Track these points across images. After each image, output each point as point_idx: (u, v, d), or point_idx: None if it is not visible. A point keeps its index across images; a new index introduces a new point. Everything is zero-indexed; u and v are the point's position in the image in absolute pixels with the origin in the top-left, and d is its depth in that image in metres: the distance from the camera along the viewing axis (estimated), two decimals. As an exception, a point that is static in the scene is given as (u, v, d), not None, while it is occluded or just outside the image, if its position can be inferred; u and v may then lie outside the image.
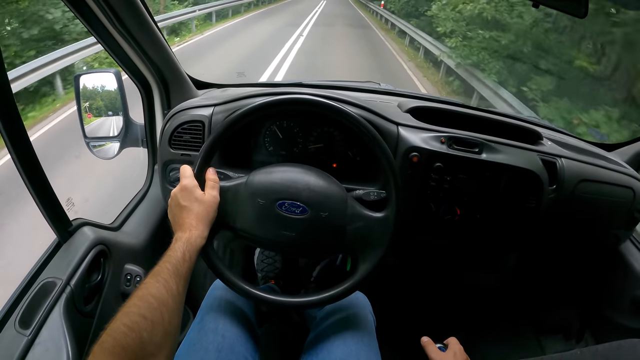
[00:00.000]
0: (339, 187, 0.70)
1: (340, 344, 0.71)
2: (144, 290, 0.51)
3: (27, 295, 0.68)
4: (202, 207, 0.63)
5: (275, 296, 0.69)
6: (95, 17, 0.78)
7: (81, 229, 0.80)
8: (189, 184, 0.65)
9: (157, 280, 0.52)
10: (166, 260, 0.56)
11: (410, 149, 0.82)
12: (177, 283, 0.54)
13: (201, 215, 0.63)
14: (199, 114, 0.85)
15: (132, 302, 0.49)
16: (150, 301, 0.50)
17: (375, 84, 1.24)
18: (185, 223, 0.62)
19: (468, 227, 0.89)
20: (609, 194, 0.94)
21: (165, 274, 0.53)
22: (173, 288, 0.53)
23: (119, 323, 0.47)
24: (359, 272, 0.69)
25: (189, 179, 0.65)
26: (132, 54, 0.90)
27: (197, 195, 0.64)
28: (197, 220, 0.62)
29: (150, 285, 0.52)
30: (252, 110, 0.68)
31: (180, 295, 0.55)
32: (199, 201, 0.64)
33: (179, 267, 0.55)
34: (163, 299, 0.51)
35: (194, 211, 0.63)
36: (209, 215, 0.64)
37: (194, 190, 0.64)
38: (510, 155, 0.85)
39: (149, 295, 0.50)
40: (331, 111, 0.69)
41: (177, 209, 0.64)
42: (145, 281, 0.53)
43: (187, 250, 0.58)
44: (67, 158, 2.96)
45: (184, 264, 0.57)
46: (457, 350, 0.73)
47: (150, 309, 0.49)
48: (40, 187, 0.68)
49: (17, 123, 0.62)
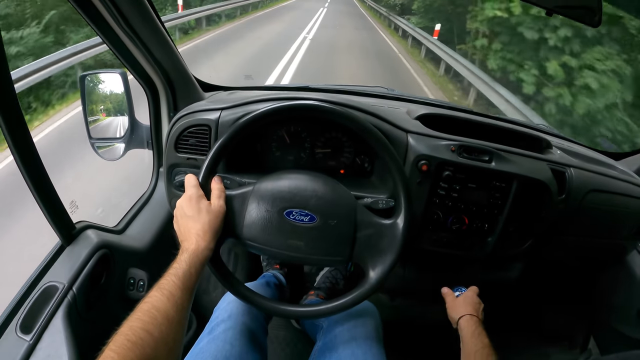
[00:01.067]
0: (348, 193, 0.69)
1: (348, 355, 0.70)
2: (149, 304, 0.50)
3: (28, 300, 0.67)
4: (208, 218, 0.62)
5: (286, 307, 0.68)
6: (101, 17, 0.77)
7: (85, 232, 0.79)
8: (194, 194, 0.63)
9: (163, 294, 0.51)
10: (172, 272, 0.55)
11: (419, 157, 0.80)
12: (183, 297, 0.53)
13: (207, 225, 0.61)
14: (205, 118, 0.84)
15: (137, 315, 0.48)
16: (154, 315, 0.49)
17: (383, 89, 1.23)
18: (192, 234, 0.60)
19: (476, 236, 0.88)
20: (617, 204, 0.93)
21: (171, 287, 0.52)
22: (178, 302, 0.52)
23: (122, 338, 0.45)
24: (369, 280, 0.68)
25: (195, 188, 0.64)
26: (139, 54, 0.89)
27: (203, 205, 0.63)
28: (204, 231, 0.61)
29: (155, 299, 0.51)
30: (259, 117, 0.67)
31: (185, 310, 0.54)
32: (205, 211, 0.62)
33: (185, 280, 0.54)
34: (168, 313, 0.50)
35: (200, 222, 0.61)
36: (216, 225, 0.63)
37: (199, 200, 0.63)
38: (521, 164, 0.84)
39: (154, 309, 0.49)
40: (341, 118, 0.68)
41: (183, 219, 0.63)
42: (150, 294, 0.51)
43: (192, 262, 0.57)
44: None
45: (190, 276, 0.55)
46: (469, 295, 0.84)
47: (154, 323, 0.48)
48: (44, 189, 0.67)
49: (20, 124, 0.61)
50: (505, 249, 0.90)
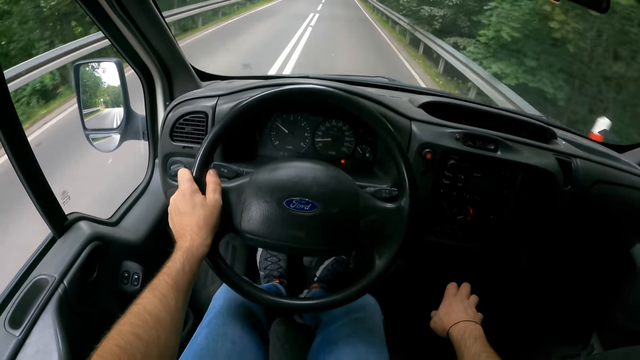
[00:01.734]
0: (349, 180, 0.67)
1: (349, 350, 0.68)
2: (140, 306, 0.47)
3: (18, 293, 0.65)
4: (203, 212, 0.59)
5: (290, 300, 0.66)
6: (96, 2, 0.75)
7: (77, 223, 0.76)
8: (188, 188, 0.60)
9: (154, 295, 0.48)
10: (165, 272, 0.52)
11: (423, 145, 0.78)
12: (176, 298, 0.50)
13: (203, 221, 0.58)
14: (202, 105, 0.81)
15: (127, 319, 0.45)
16: (145, 319, 0.46)
17: (384, 79, 1.21)
18: (186, 231, 0.58)
19: (481, 227, 0.86)
20: (623, 196, 0.92)
21: (163, 288, 0.50)
22: (171, 304, 0.49)
23: (111, 343, 0.42)
24: (376, 268, 0.65)
25: (188, 182, 0.61)
26: (134, 41, 0.86)
27: (197, 200, 0.60)
28: (199, 227, 0.58)
29: (147, 301, 0.48)
30: (254, 103, 0.64)
31: (179, 312, 0.51)
32: (200, 206, 0.59)
33: (178, 280, 0.52)
34: (160, 316, 0.47)
35: (194, 217, 0.58)
36: (212, 220, 0.60)
37: (193, 194, 0.60)
38: (527, 153, 0.82)
39: (145, 312, 0.46)
40: (344, 102, 0.66)
41: (177, 216, 0.60)
42: (141, 295, 0.49)
43: (187, 260, 0.54)
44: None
45: (184, 276, 0.53)
46: (463, 292, 0.83)
47: (145, 327, 0.45)
48: (34, 179, 0.65)
49: (10, 113, 0.59)
50: (511, 240, 0.88)
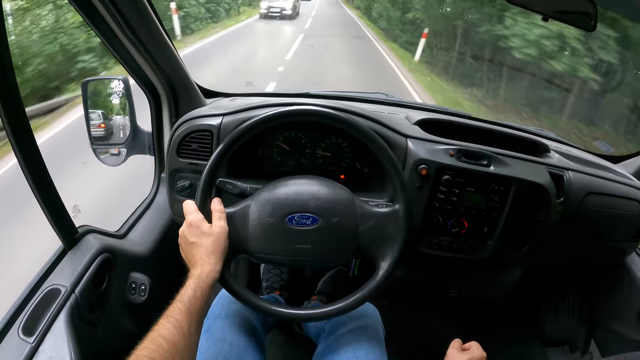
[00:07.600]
0: (344, 190, 0.71)
1: (350, 357, 0.70)
2: (155, 332, 0.51)
3: (31, 302, 0.68)
4: (210, 240, 0.63)
5: (296, 310, 0.69)
6: (104, 23, 0.79)
7: (87, 236, 0.79)
8: (194, 219, 0.64)
9: (169, 321, 0.52)
10: (178, 299, 0.56)
11: (419, 162, 0.81)
12: (189, 322, 0.54)
13: (211, 248, 0.62)
14: (207, 123, 0.85)
15: (143, 344, 0.49)
16: (160, 343, 0.50)
17: (382, 95, 1.24)
18: (197, 259, 0.62)
19: (475, 240, 0.88)
20: (615, 206, 0.94)
21: (177, 314, 0.54)
22: (185, 328, 0.53)
23: None
24: (381, 270, 0.69)
25: (194, 214, 0.65)
26: (142, 61, 0.90)
27: (204, 229, 0.63)
28: (208, 255, 0.62)
29: (161, 327, 0.52)
30: (256, 124, 0.68)
31: (193, 335, 0.55)
32: (207, 234, 0.63)
33: (191, 306, 0.55)
34: (174, 340, 0.51)
35: (203, 246, 0.62)
36: (220, 246, 0.63)
37: (200, 224, 0.64)
38: (519, 168, 0.85)
39: (160, 337, 0.50)
40: (341, 123, 0.70)
41: (187, 246, 0.64)
42: (158, 322, 0.53)
43: (198, 287, 0.58)
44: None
45: (196, 301, 0.57)
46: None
47: (160, 351, 0.49)
48: (47, 193, 0.68)
49: (24, 126, 0.61)
50: (505, 252, 0.91)
